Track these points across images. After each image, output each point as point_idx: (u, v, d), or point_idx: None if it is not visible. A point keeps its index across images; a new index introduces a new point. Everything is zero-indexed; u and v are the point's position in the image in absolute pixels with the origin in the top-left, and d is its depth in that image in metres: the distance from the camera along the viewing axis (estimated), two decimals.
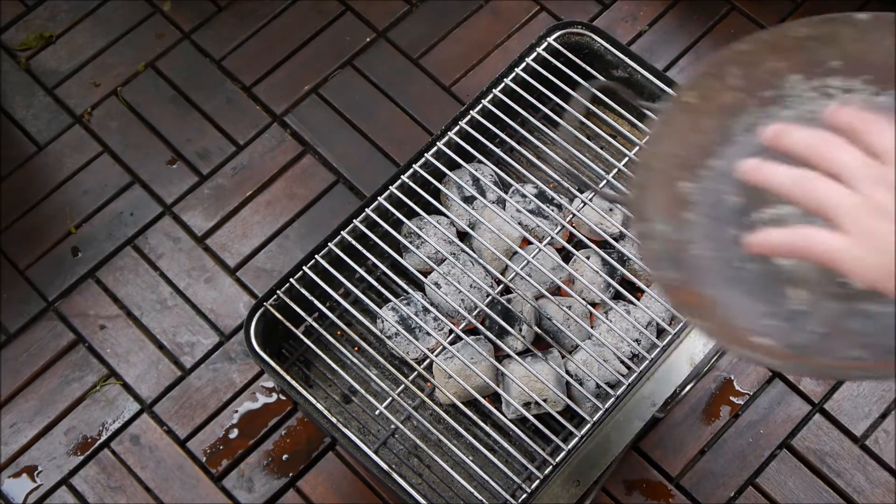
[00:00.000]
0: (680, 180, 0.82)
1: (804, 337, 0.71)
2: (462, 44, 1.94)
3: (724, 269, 0.77)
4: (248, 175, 1.83)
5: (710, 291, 0.76)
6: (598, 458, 1.21)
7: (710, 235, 0.79)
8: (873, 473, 1.58)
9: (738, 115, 0.83)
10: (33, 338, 1.71)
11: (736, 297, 0.75)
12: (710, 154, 0.83)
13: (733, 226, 0.78)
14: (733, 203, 0.80)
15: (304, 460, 1.60)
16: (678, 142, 0.82)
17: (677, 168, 0.82)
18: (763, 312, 0.73)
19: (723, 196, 0.81)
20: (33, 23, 1.99)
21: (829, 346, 0.70)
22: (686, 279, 0.77)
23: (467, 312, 1.24)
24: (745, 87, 0.82)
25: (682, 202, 0.81)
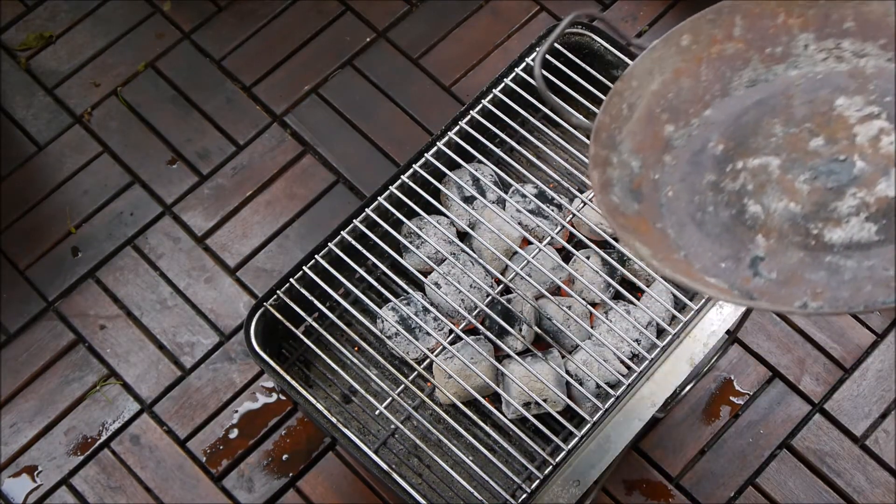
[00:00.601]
0: (666, 123, 0.81)
1: (759, 283, 0.71)
2: (462, 44, 1.94)
3: (695, 213, 0.76)
4: (248, 175, 1.83)
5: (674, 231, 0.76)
6: (598, 458, 1.21)
7: (686, 180, 0.78)
8: (873, 473, 1.58)
9: (739, 69, 0.81)
10: (33, 338, 1.71)
11: (700, 240, 0.75)
12: (703, 103, 0.81)
13: (713, 172, 0.78)
14: (717, 151, 0.79)
15: (304, 460, 1.60)
16: (669, 84, 0.81)
17: (664, 110, 0.81)
18: (724, 256, 0.74)
19: (708, 144, 0.80)
20: (33, 23, 1.99)
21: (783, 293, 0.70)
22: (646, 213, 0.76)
23: (467, 312, 1.24)
24: (749, 40, 0.80)
25: (664, 144, 0.80)
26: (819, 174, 0.75)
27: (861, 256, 0.70)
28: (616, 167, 0.77)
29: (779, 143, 0.77)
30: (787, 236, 0.73)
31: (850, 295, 0.69)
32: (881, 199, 0.72)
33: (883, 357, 1.66)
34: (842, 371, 1.65)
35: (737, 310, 1.30)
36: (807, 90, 0.80)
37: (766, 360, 1.66)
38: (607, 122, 0.78)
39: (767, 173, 0.76)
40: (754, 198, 0.75)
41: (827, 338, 1.67)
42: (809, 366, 1.66)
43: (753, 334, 1.68)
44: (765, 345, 1.67)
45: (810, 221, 0.73)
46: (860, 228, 0.71)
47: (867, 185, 0.73)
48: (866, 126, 0.76)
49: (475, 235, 1.29)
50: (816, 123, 0.78)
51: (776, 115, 0.79)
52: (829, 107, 0.78)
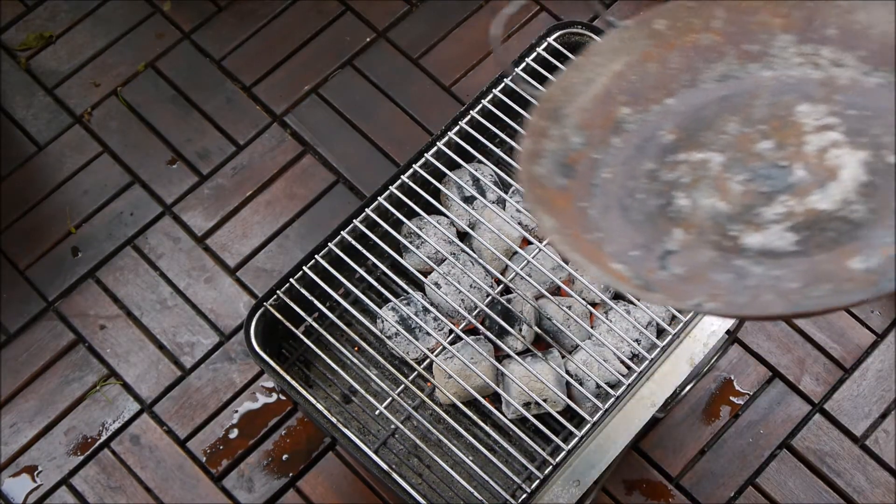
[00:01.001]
0: (622, 104, 0.79)
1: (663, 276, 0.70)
2: (462, 44, 1.94)
3: (623, 198, 0.75)
4: (248, 175, 1.83)
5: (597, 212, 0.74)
6: (598, 458, 1.21)
7: (627, 164, 0.77)
8: (873, 473, 1.58)
9: (712, 62, 0.79)
10: (33, 338, 1.71)
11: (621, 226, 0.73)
12: (668, 91, 0.79)
13: (654, 161, 0.76)
14: (666, 140, 0.77)
15: (304, 460, 1.60)
16: (634, 66, 0.78)
17: (623, 92, 0.79)
18: (637, 244, 0.72)
19: (658, 132, 0.78)
20: (33, 23, 1.99)
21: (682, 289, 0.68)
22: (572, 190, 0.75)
23: (467, 312, 1.24)
24: (727, 33, 0.78)
25: (614, 125, 0.78)
26: (756, 177, 0.73)
27: (771, 265, 0.69)
28: (553, 140, 0.76)
29: (728, 140, 0.76)
30: (705, 234, 0.71)
31: (746, 301, 0.67)
32: (810, 210, 0.70)
33: (883, 357, 1.66)
34: (842, 371, 1.65)
35: None
36: (774, 92, 0.78)
37: (766, 360, 1.66)
38: (557, 93, 0.76)
39: (706, 169, 0.74)
40: (686, 191, 0.74)
41: (827, 338, 1.67)
42: (809, 366, 1.66)
43: (753, 334, 1.68)
44: (765, 345, 1.67)
45: (733, 222, 0.71)
46: (779, 237, 0.70)
47: (799, 195, 0.71)
48: (819, 136, 0.74)
49: (475, 235, 1.29)
50: (772, 126, 0.76)
51: (735, 113, 0.77)
52: (789, 112, 0.76)
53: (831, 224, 0.70)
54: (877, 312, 1.69)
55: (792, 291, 0.67)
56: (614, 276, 0.70)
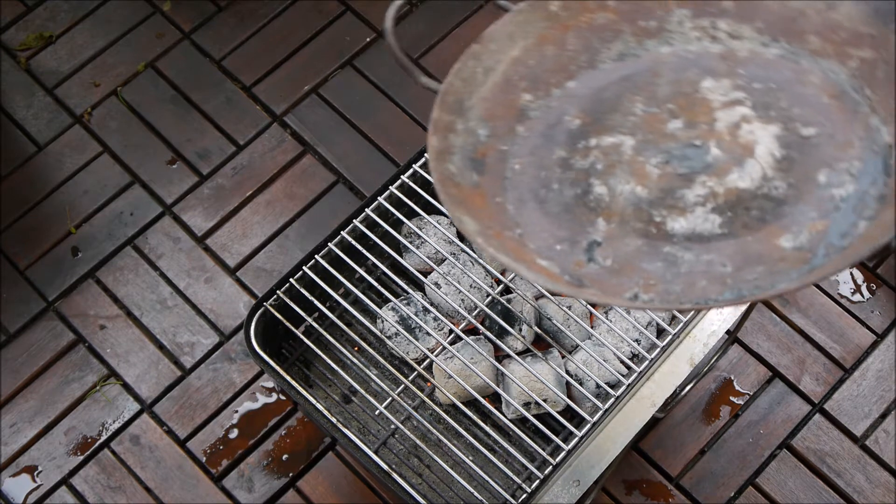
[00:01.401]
0: (523, 91, 0.76)
1: (592, 269, 0.68)
2: (462, 44, 1.93)
3: (538, 189, 0.73)
4: (248, 175, 1.83)
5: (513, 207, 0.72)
6: (598, 458, 1.21)
7: (536, 153, 0.74)
8: (873, 473, 1.58)
9: (609, 41, 0.77)
10: (33, 338, 1.71)
11: (539, 219, 0.71)
12: (567, 74, 0.77)
13: (564, 148, 0.74)
14: (573, 125, 0.75)
15: (304, 460, 1.60)
16: (531, 50, 0.76)
17: (523, 77, 0.76)
18: (560, 238, 0.70)
19: (564, 117, 0.76)
20: (33, 23, 1.99)
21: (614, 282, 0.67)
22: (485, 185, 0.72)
23: (467, 312, 1.24)
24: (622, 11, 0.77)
25: (518, 114, 0.76)
26: (672, 158, 0.71)
27: (700, 249, 0.67)
28: (460, 134, 0.73)
29: (637, 122, 0.74)
30: (628, 222, 0.69)
31: (682, 289, 0.66)
32: (730, 190, 0.69)
33: (883, 357, 1.66)
34: (842, 371, 1.65)
35: (737, 309, 1.30)
36: (675, 69, 0.76)
37: (766, 360, 1.66)
38: (458, 85, 0.74)
39: (619, 153, 0.72)
40: (602, 178, 0.72)
41: (827, 338, 1.67)
42: (809, 366, 1.66)
43: (753, 334, 1.68)
44: (765, 345, 1.67)
45: (655, 208, 0.70)
46: (704, 220, 0.68)
47: (718, 175, 0.70)
48: (729, 112, 0.73)
49: None
50: (679, 105, 0.74)
51: (639, 93, 0.76)
52: (694, 88, 0.75)
53: (754, 203, 0.69)
54: (877, 312, 1.69)
55: (726, 275, 0.65)
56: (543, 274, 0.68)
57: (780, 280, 0.64)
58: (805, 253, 0.66)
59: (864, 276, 1.72)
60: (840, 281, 1.72)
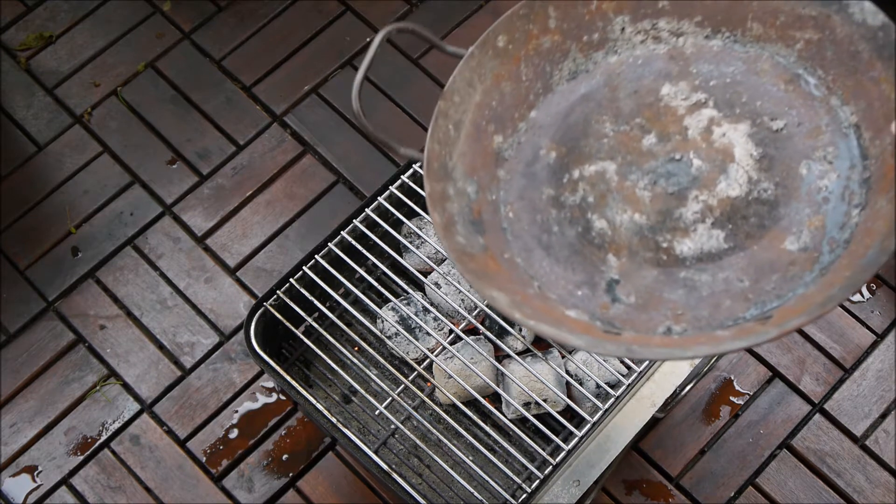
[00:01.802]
0: (493, 134, 0.75)
1: (619, 309, 0.67)
2: (462, 44, 1.92)
3: (540, 235, 0.72)
4: (248, 175, 1.83)
5: (522, 259, 0.71)
6: (598, 458, 1.21)
7: (525, 196, 0.73)
8: (873, 473, 1.58)
9: (558, 62, 0.77)
10: (33, 338, 1.71)
11: (551, 266, 0.70)
12: (528, 104, 0.77)
13: (551, 185, 0.73)
14: (551, 159, 0.74)
15: (304, 460, 1.60)
16: (491, 91, 0.76)
17: (489, 121, 0.75)
18: (578, 282, 0.69)
19: (539, 151, 0.75)
20: (33, 23, 1.99)
21: (643, 318, 0.66)
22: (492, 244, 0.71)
23: (467, 312, 1.24)
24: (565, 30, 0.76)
25: (495, 158, 0.75)
26: (658, 177, 0.71)
27: (714, 269, 0.67)
28: (454, 199, 0.72)
29: (611, 144, 0.73)
30: (637, 252, 0.69)
31: (710, 313, 0.65)
32: (723, 200, 0.69)
33: (883, 357, 1.66)
34: (842, 371, 1.65)
35: None
36: (630, 79, 0.76)
37: (766, 360, 1.66)
38: (436, 149, 0.73)
39: (606, 181, 0.72)
40: (597, 211, 0.71)
41: (827, 338, 1.67)
42: (809, 366, 1.66)
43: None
44: (765, 345, 1.67)
45: (658, 233, 0.69)
46: (708, 237, 0.68)
47: (707, 186, 0.70)
48: (696, 117, 0.73)
49: None
50: (646, 118, 0.74)
51: (604, 111, 0.75)
52: (656, 97, 0.75)
53: (749, 209, 0.69)
54: (877, 312, 1.69)
55: (746, 290, 0.66)
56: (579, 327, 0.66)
57: (796, 285, 0.64)
58: (811, 253, 0.66)
59: None
60: None
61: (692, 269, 0.68)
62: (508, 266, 0.71)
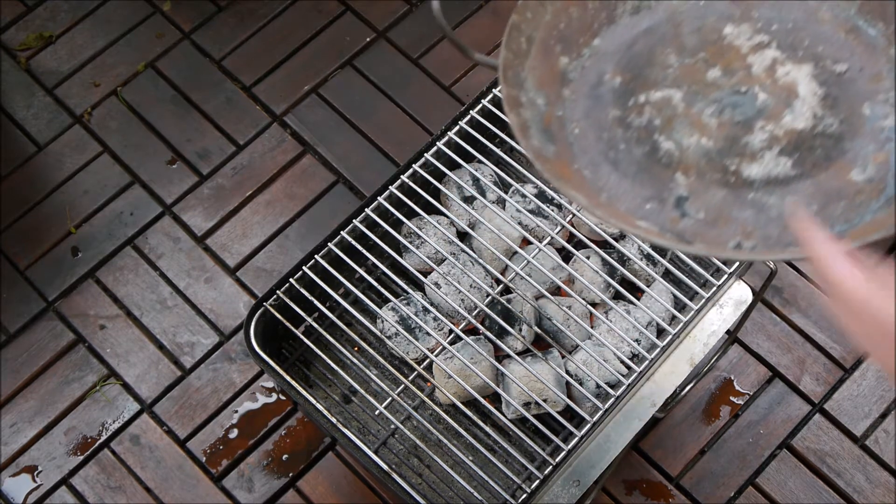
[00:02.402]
0: (560, 55, 0.79)
1: (688, 223, 0.70)
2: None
3: (606, 151, 0.75)
4: (248, 175, 1.83)
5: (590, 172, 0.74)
6: (598, 458, 1.21)
7: (590, 115, 0.77)
8: (873, 473, 1.58)
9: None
10: (33, 338, 1.71)
11: (619, 180, 0.73)
12: (592, 33, 0.81)
13: (617, 107, 0.76)
14: (615, 84, 0.78)
15: (304, 460, 1.60)
16: (559, 13, 0.79)
17: (557, 41, 0.79)
18: (647, 197, 0.72)
19: (604, 76, 0.78)
20: (33, 23, 1.99)
21: (713, 233, 0.69)
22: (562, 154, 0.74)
23: (467, 312, 1.24)
24: None
25: (561, 78, 0.79)
26: (724, 107, 0.74)
27: (782, 192, 0.70)
28: (527, 107, 0.75)
29: (676, 74, 0.77)
30: (706, 173, 0.72)
31: (779, 233, 0.68)
32: (789, 131, 0.72)
33: None
34: (842, 371, 1.65)
35: (736, 310, 1.30)
36: (693, 17, 0.80)
37: (766, 360, 1.66)
38: (511, 58, 0.76)
39: (672, 107, 0.75)
40: (664, 133, 0.74)
41: (827, 338, 1.67)
42: (809, 366, 1.66)
43: (753, 334, 1.68)
44: (765, 345, 1.67)
45: (725, 157, 0.72)
46: (776, 163, 0.71)
47: (773, 118, 0.73)
48: (759, 56, 0.76)
49: (475, 235, 1.29)
50: (710, 53, 0.77)
51: (668, 45, 0.79)
52: (719, 35, 0.78)
53: (815, 141, 0.72)
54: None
55: (815, 214, 0.68)
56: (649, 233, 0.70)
57: (864, 211, 0.67)
58: (877, 184, 0.69)
59: None
60: None
61: (760, 191, 0.70)
62: (578, 176, 0.74)
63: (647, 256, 1.30)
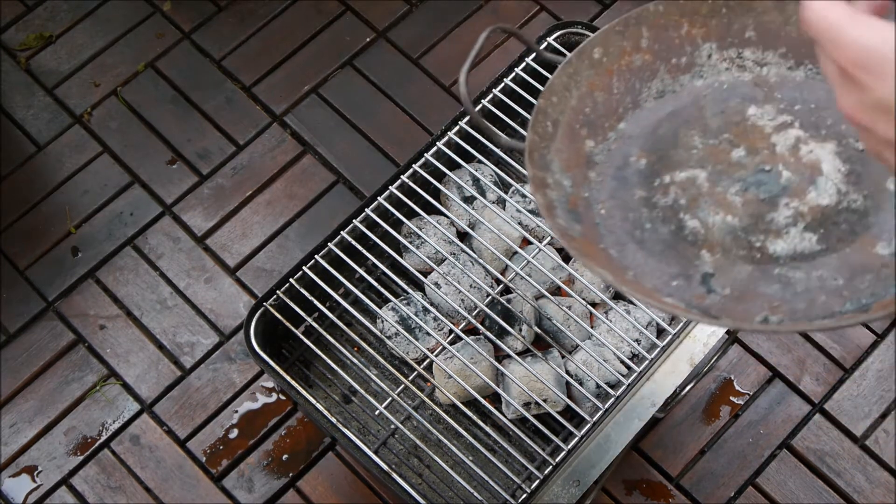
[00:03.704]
0: (585, 138, 0.81)
1: (715, 299, 0.71)
2: (462, 44, 1.94)
3: (632, 231, 0.76)
4: (248, 175, 1.83)
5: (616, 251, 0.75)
6: (598, 458, 1.21)
7: (616, 196, 0.78)
8: (873, 473, 1.58)
9: (647, 81, 0.82)
10: (33, 338, 1.71)
11: (645, 259, 0.74)
12: (617, 117, 0.82)
13: (643, 188, 0.78)
14: (641, 165, 0.79)
15: (304, 460, 1.60)
16: (584, 98, 0.81)
17: (582, 125, 0.81)
18: (673, 274, 0.73)
19: (629, 158, 0.80)
20: (33, 23, 1.99)
21: (740, 309, 0.70)
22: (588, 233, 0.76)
23: (467, 312, 1.24)
24: (655, 51, 0.82)
25: (587, 160, 0.80)
26: (749, 185, 0.75)
27: (808, 267, 0.71)
28: (553, 188, 0.77)
29: (701, 155, 0.78)
30: (731, 250, 0.73)
31: (806, 306, 0.68)
32: (814, 208, 0.73)
33: (883, 357, 1.66)
34: (842, 371, 1.65)
35: None
36: (716, 100, 0.81)
37: (766, 360, 1.66)
38: (536, 140, 0.78)
39: (697, 186, 0.76)
40: (690, 212, 0.75)
41: (827, 338, 1.67)
42: (809, 366, 1.66)
43: (753, 334, 1.68)
44: (765, 345, 1.67)
45: (751, 234, 0.73)
46: (801, 239, 0.72)
47: (798, 195, 0.74)
48: (783, 135, 0.77)
49: (475, 235, 1.29)
50: (734, 134, 0.78)
51: (692, 127, 0.80)
52: (743, 116, 0.79)
53: (840, 217, 0.73)
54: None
55: (840, 288, 0.69)
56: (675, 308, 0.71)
57: (889, 285, 0.68)
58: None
59: None
60: None
61: (786, 266, 0.71)
62: (603, 255, 0.76)
63: None
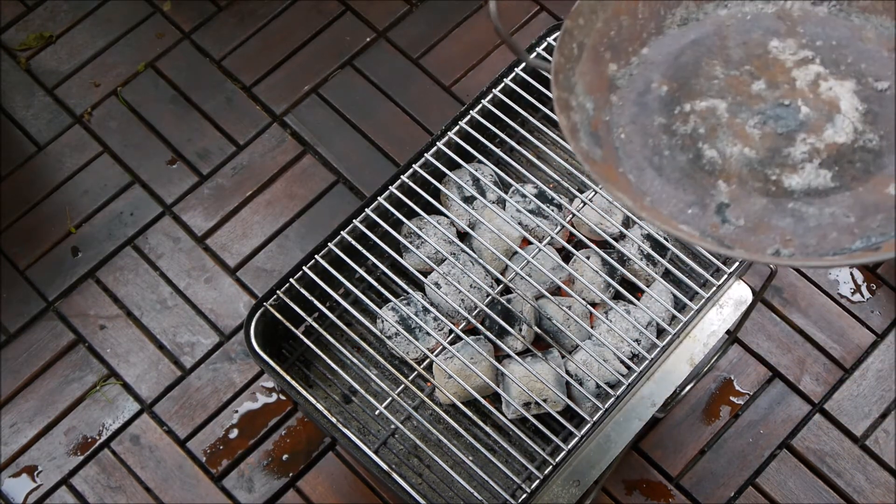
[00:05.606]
0: (609, 62, 0.82)
1: (728, 230, 0.72)
2: (462, 44, 1.94)
3: (651, 157, 0.77)
4: (248, 175, 1.83)
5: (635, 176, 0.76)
6: (598, 458, 1.21)
7: (637, 121, 0.79)
8: (873, 473, 1.58)
9: (672, 7, 0.84)
10: (33, 338, 1.71)
11: (662, 186, 0.76)
12: (641, 42, 0.83)
13: (663, 115, 0.79)
14: (662, 92, 0.80)
15: (304, 460, 1.60)
16: (610, 21, 0.82)
17: (607, 48, 0.82)
18: (689, 202, 0.74)
19: (651, 84, 0.81)
20: (33, 23, 1.99)
21: (753, 240, 0.71)
22: (608, 158, 0.77)
23: (467, 312, 1.24)
24: None
25: (609, 84, 0.81)
26: (767, 119, 0.76)
27: (821, 203, 0.72)
28: (576, 110, 0.78)
29: (721, 85, 0.79)
30: (747, 182, 0.74)
31: (817, 242, 0.70)
32: (830, 145, 0.74)
33: (883, 357, 1.66)
34: (842, 371, 1.65)
35: (736, 310, 1.30)
36: (739, 31, 0.82)
37: (766, 360, 1.66)
38: (562, 62, 0.79)
39: (716, 116, 0.77)
40: (708, 142, 0.76)
41: (827, 338, 1.67)
42: (809, 366, 1.66)
43: (753, 334, 1.68)
44: (765, 345, 1.67)
45: (767, 167, 0.74)
46: (816, 175, 0.73)
47: (815, 132, 0.75)
48: (803, 70, 0.78)
49: (475, 235, 1.29)
50: (755, 66, 0.80)
51: (714, 57, 0.81)
52: (765, 49, 0.81)
53: (855, 155, 0.74)
54: (877, 312, 1.69)
55: (852, 225, 0.70)
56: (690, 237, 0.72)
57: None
58: None
59: (864, 276, 1.72)
60: (840, 281, 1.72)
61: (800, 201, 0.73)
62: (623, 179, 0.77)
63: (647, 256, 1.30)
